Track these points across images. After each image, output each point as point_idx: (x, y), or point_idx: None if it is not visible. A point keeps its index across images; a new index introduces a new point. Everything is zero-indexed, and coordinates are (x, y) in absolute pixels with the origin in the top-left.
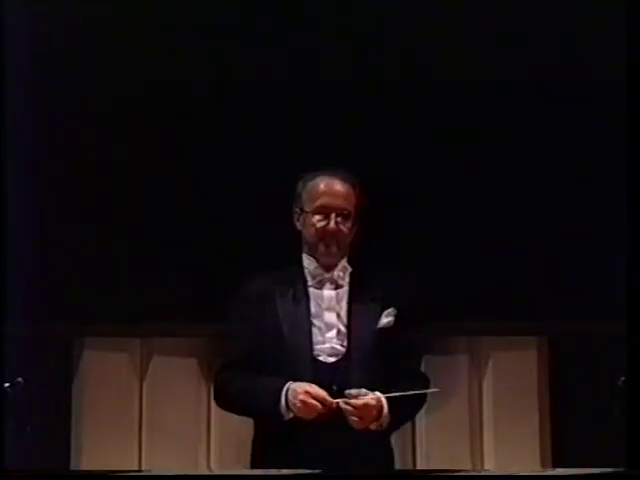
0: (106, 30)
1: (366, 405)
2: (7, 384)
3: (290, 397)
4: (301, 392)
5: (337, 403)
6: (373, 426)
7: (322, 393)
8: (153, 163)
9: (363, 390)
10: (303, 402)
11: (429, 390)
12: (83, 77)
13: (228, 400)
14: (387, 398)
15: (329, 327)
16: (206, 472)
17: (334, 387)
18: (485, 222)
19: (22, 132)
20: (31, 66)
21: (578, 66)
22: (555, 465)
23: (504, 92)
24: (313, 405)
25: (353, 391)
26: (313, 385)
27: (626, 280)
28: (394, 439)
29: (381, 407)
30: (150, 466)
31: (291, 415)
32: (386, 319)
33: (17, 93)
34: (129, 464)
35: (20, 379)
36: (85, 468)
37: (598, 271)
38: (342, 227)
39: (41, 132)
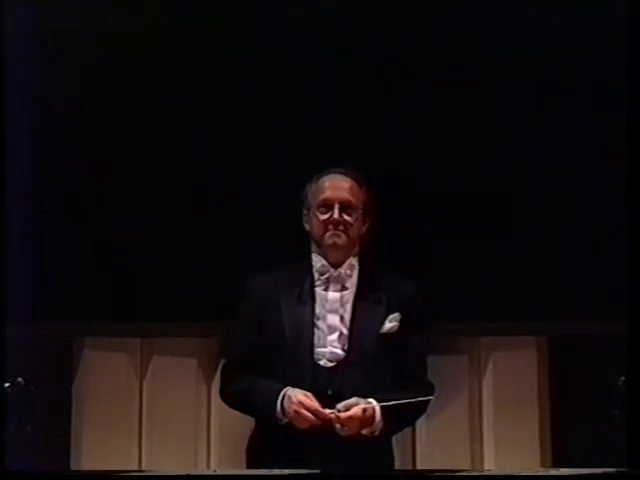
0: (106, 29)
1: (351, 417)
2: (7, 384)
3: (285, 404)
4: (295, 402)
5: (330, 414)
6: (365, 432)
7: (315, 405)
8: (153, 163)
9: (354, 400)
10: (296, 412)
11: (422, 398)
12: (83, 77)
13: (230, 398)
14: (382, 406)
15: (331, 330)
16: (206, 472)
17: (329, 392)
18: (485, 222)
19: (22, 131)
20: (31, 65)
21: (579, 65)
22: (555, 465)
23: (507, 93)
24: (305, 416)
25: (342, 405)
26: (309, 394)
27: (626, 280)
28: (394, 440)
29: (372, 415)
30: (150, 466)
31: (287, 420)
32: (389, 324)
33: (17, 92)
34: (129, 464)
35: (20, 379)
36: (85, 468)
37: (598, 271)
38: (347, 217)
39: (41, 132)
